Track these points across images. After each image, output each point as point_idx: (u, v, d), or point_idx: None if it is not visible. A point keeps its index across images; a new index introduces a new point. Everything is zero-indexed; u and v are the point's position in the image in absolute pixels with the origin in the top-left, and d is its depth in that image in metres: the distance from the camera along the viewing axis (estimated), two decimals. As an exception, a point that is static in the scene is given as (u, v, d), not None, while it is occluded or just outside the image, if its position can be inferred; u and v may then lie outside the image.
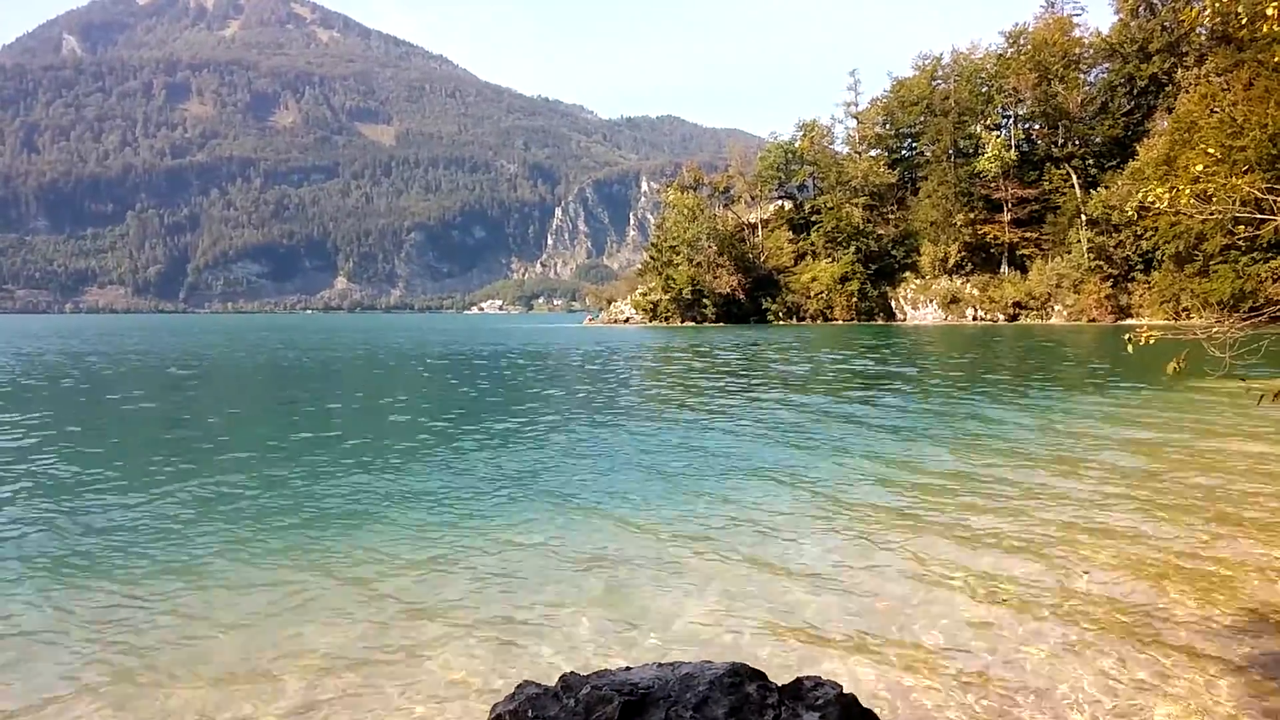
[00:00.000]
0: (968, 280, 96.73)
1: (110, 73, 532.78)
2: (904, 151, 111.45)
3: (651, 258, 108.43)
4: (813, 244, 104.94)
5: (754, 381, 28.47)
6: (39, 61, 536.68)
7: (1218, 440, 15.33)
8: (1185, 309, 73.44)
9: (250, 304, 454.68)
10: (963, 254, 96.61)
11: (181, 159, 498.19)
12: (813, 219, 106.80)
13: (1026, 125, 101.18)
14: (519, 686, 3.29)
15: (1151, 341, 6.61)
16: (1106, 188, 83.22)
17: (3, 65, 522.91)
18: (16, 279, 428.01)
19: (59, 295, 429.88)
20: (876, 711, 3.28)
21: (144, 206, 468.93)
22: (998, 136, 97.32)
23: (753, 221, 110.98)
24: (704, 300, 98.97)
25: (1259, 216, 7.51)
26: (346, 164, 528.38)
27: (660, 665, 3.25)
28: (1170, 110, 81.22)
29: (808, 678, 3.23)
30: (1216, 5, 7.36)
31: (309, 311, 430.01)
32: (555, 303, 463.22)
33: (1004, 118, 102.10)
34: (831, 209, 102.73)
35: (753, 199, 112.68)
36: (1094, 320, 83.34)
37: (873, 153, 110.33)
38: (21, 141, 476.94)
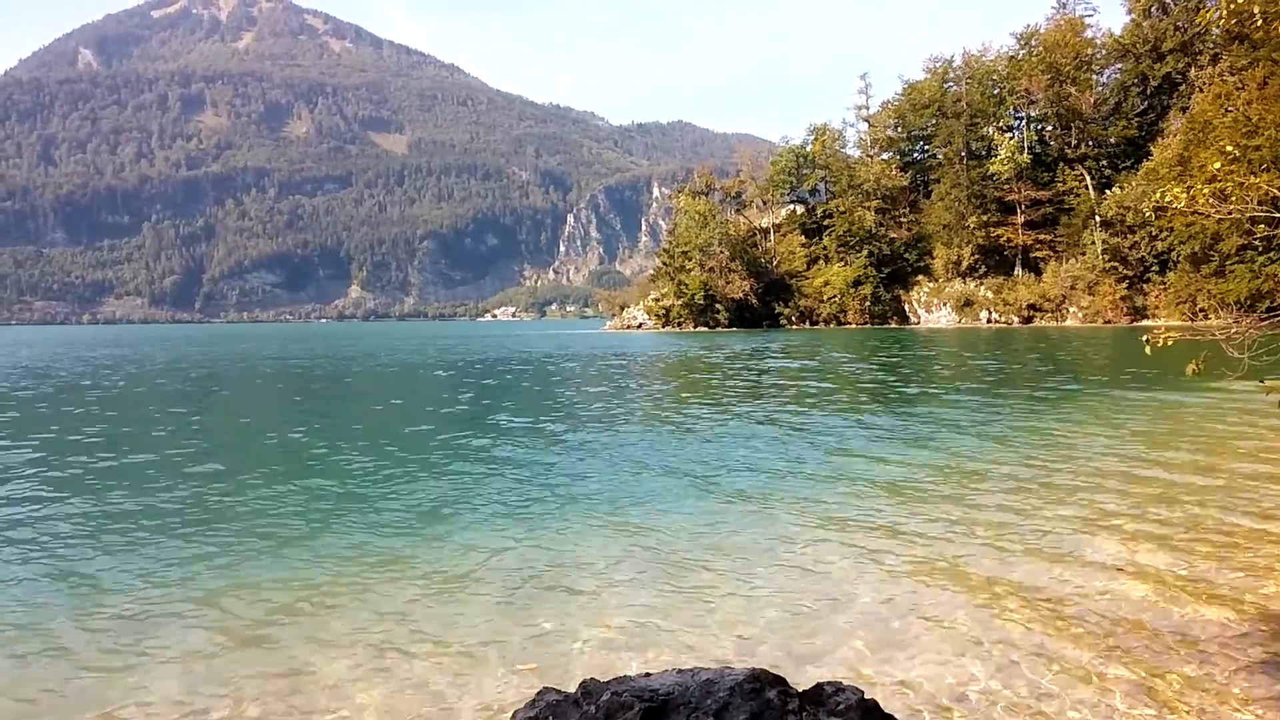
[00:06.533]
0: (981, 283, 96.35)
1: (125, 85, 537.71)
2: (916, 154, 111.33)
3: (664, 263, 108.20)
4: (825, 248, 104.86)
5: (778, 389, 28.42)
6: (55, 75, 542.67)
7: (1239, 440, 15.22)
8: (1202, 310, 72.87)
9: (265, 313, 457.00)
10: (976, 256, 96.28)
11: (196, 170, 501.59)
12: (825, 223, 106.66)
13: (1039, 127, 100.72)
14: (539, 693, 3.30)
15: (1169, 343, 6.58)
16: (1120, 188, 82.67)
17: (20, 79, 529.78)
18: (35, 290, 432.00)
19: (77, 306, 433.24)
20: (898, 717, 3.27)
21: (160, 217, 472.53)
22: (1010, 138, 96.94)
23: (764, 226, 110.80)
24: (716, 305, 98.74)
25: (1277, 215, 7.45)
26: (359, 173, 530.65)
27: (680, 671, 3.25)
28: (1184, 110, 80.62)
29: (829, 683, 3.22)
30: (1233, 6, 7.30)
31: (324, 320, 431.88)
32: (568, 309, 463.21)
33: (1016, 119, 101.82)
34: (844, 213, 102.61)
35: (764, 203, 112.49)
36: (1109, 322, 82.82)
37: (884, 156, 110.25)
38: (39, 154, 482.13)
